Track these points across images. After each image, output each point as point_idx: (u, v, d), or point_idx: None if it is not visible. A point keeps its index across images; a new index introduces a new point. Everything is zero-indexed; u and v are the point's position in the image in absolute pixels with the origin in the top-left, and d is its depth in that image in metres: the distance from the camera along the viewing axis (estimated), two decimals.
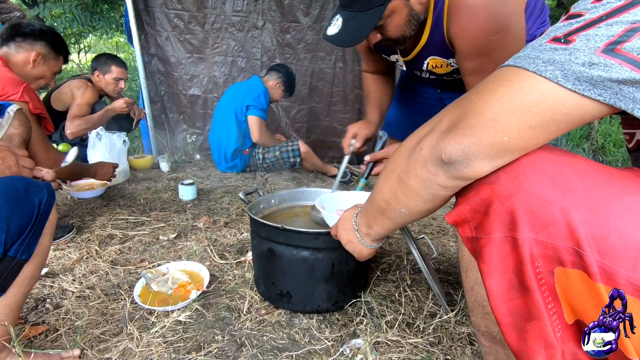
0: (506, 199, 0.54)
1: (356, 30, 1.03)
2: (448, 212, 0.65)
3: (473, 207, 0.59)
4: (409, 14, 1.06)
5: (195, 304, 1.19)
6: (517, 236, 0.53)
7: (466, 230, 0.61)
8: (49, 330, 1.07)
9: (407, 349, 1.03)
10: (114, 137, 2.38)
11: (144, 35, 3.15)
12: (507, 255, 0.55)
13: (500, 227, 0.55)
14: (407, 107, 1.61)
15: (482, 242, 0.57)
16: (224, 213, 2.03)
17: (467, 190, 0.61)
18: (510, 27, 1.00)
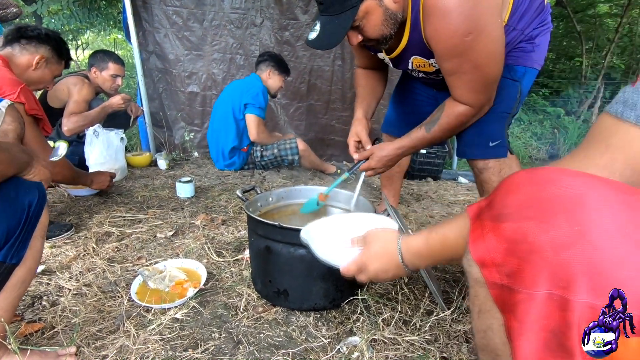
0: (562, 249, 0.44)
1: (332, 34, 1.06)
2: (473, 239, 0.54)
3: (510, 248, 0.49)
4: (384, 14, 1.06)
5: (192, 302, 1.19)
6: (571, 298, 0.44)
7: (494, 274, 0.51)
8: (46, 327, 1.07)
9: (404, 347, 1.03)
10: (111, 134, 2.37)
11: (142, 32, 3.14)
12: (549, 315, 0.46)
13: (547, 283, 0.46)
14: (405, 106, 1.61)
15: (519, 296, 0.48)
16: (221, 211, 2.03)
17: (503, 217, 0.50)
18: (483, 28, 1.01)
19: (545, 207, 0.47)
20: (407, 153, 1.36)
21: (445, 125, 1.22)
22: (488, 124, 1.29)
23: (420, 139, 1.28)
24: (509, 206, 0.51)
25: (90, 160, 2.29)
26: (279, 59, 2.83)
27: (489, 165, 1.35)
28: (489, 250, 0.51)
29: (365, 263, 0.82)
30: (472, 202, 2.53)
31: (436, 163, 3.09)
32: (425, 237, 0.75)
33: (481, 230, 0.53)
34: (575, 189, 0.47)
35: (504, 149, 1.33)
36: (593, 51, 7.05)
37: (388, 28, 1.09)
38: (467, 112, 1.18)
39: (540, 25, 1.25)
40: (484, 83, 1.13)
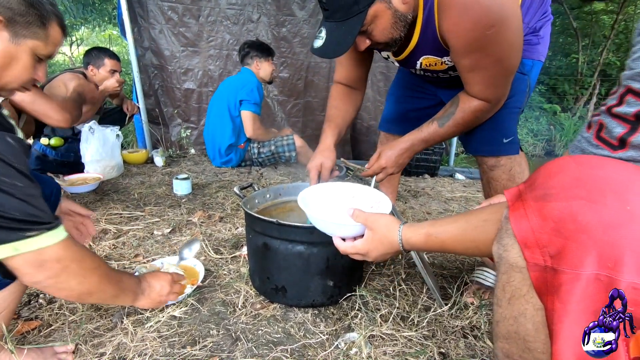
0: (612, 228, 0.44)
1: (340, 41, 1.02)
2: (516, 219, 0.53)
3: (556, 228, 0.48)
4: (393, 16, 1.02)
5: (190, 299, 1.19)
6: (617, 277, 0.44)
7: (537, 255, 0.50)
8: (43, 325, 1.06)
9: (402, 342, 1.03)
10: (107, 131, 2.35)
11: (137, 28, 3.11)
12: (594, 296, 0.45)
13: (595, 263, 0.45)
14: (404, 103, 1.60)
15: (563, 277, 0.47)
16: (218, 208, 2.03)
17: (550, 197, 0.50)
18: (506, 19, 0.97)
19: (594, 187, 0.46)
20: (418, 149, 1.27)
21: (461, 120, 1.16)
22: (502, 120, 1.24)
23: (432, 133, 1.21)
24: (554, 187, 0.50)
25: (86, 157, 2.27)
26: (259, 45, 2.78)
27: (500, 163, 1.30)
28: (533, 230, 0.50)
29: (368, 251, 0.87)
30: (469, 198, 2.54)
31: (433, 160, 3.10)
32: (425, 239, 0.78)
33: (524, 210, 0.52)
34: (623, 172, 0.47)
35: (516, 145, 1.29)
36: (589, 48, 7.07)
37: (398, 30, 1.06)
38: (483, 108, 1.14)
39: (542, 17, 1.23)
40: (504, 76, 1.09)
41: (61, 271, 0.74)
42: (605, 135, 0.55)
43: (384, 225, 0.84)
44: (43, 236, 0.69)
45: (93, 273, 0.80)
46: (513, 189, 0.58)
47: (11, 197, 0.64)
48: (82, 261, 0.78)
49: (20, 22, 0.74)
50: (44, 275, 0.72)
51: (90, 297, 0.82)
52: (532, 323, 0.55)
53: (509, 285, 0.58)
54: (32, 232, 0.68)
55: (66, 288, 0.76)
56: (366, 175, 1.32)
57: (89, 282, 0.80)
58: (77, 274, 0.77)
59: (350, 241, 0.90)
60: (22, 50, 0.76)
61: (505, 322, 0.60)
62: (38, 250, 0.69)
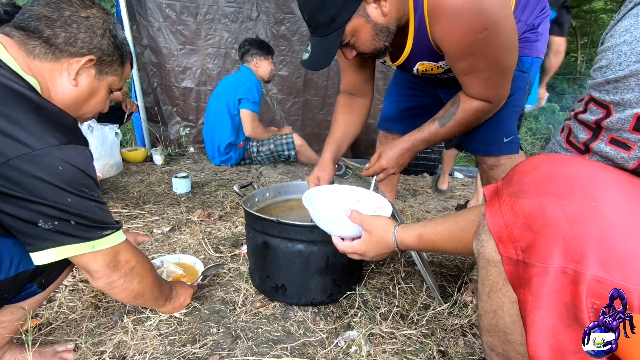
0: (578, 223, 0.46)
1: (323, 54, 1.05)
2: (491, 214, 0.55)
3: (527, 223, 0.50)
4: (373, 29, 1.03)
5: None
6: (583, 270, 0.45)
7: (509, 249, 0.52)
8: (43, 324, 1.07)
9: (401, 340, 1.04)
10: (105, 129, 2.35)
11: (136, 25, 3.10)
12: (562, 289, 0.47)
13: (561, 256, 0.47)
14: (403, 101, 1.60)
15: (533, 270, 0.49)
16: (218, 206, 2.03)
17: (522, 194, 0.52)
18: (498, 22, 0.98)
19: (562, 184, 0.48)
20: (419, 149, 1.26)
21: (462, 120, 1.16)
22: (503, 120, 1.24)
23: (433, 133, 1.21)
24: (527, 184, 0.52)
25: None
26: (259, 43, 2.79)
27: (500, 162, 1.30)
28: (506, 224, 0.52)
29: (365, 251, 0.90)
30: (468, 197, 2.55)
31: (432, 158, 3.10)
32: (417, 239, 0.82)
33: (499, 205, 0.54)
34: (591, 169, 0.49)
35: (516, 145, 1.29)
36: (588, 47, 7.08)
37: (381, 41, 1.06)
38: (484, 108, 1.14)
39: (541, 14, 1.22)
40: (502, 76, 1.10)
41: (130, 271, 0.84)
42: (573, 139, 0.58)
43: (380, 227, 0.87)
44: (114, 235, 0.79)
45: (149, 274, 0.91)
46: (491, 185, 0.60)
47: (92, 203, 0.74)
48: (143, 262, 0.88)
49: (106, 61, 0.83)
50: (117, 275, 0.82)
51: (142, 297, 0.92)
52: (509, 315, 0.57)
53: (487, 280, 0.60)
54: (106, 231, 0.78)
55: (129, 288, 0.86)
56: (367, 175, 1.32)
57: (146, 282, 0.90)
58: (139, 274, 0.87)
59: (348, 241, 0.93)
60: (102, 86, 0.84)
61: (486, 315, 0.62)
62: (112, 248, 0.79)
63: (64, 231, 0.71)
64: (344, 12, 0.99)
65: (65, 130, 0.71)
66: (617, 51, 0.49)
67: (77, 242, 0.73)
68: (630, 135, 0.50)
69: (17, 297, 0.82)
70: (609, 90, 0.51)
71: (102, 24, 0.81)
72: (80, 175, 0.71)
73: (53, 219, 0.69)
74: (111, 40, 0.82)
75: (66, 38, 0.76)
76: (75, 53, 0.77)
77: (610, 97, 0.51)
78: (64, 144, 0.68)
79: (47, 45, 0.75)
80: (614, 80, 0.50)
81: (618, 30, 0.50)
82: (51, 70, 0.76)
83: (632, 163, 0.51)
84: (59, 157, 0.67)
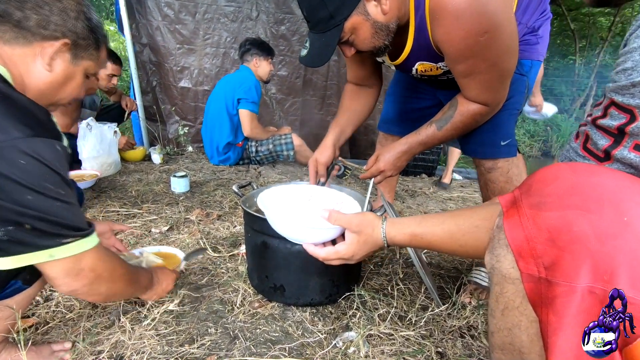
0: (609, 239, 0.43)
1: (321, 51, 1.05)
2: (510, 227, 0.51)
3: (551, 238, 0.46)
4: (373, 27, 1.03)
5: (187, 298, 1.18)
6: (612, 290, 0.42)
7: (531, 266, 0.49)
8: (39, 323, 1.06)
9: (399, 342, 1.04)
10: (104, 128, 2.34)
11: (135, 24, 3.09)
12: (589, 309, 0.44)
13: (590, 275, 0.43)
14: (403, 103, 1.60)
15: (557, 289, 0.46)
16: (217, 206, 2.02)
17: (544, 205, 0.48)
18: (499, 25, 0.97)
19: (590, 196, 0.45)
20: (416, 151, 1.26)
21: (460, 123, 1.16)
22: (500, 122, 1.24)
23: (431, 136, 1.21)
24: (550, 195, 0.49)
25: (83, 154, 2.26)
26: (260, 43, 2.79)
27: (498, 165, 1.30)
28: (528, 239, 0.49)
29: (353, 254, 0.84)
30: (466, 198, 2.55)
31: (431, 160, 3.11)
32: (410, 238, 0.78)
33: (519, 218, 0.51)
34: (620, 180, 0.46)
35: (514, 148, 1.29)
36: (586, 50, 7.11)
37: (380, 40, 1.06)
38: (482, 111, 1.14)
39: (541, 16, 1.22)
40: (501, 80, 1.09)
41: (95, 279, 0.78)
42: (591, 146, 0.55)
43: (368, 224, 0.82)
44: (78, 243, 0.72)
45: (121, 279, 0.86)
46: (508, 195, 0.57)
47: (56, 202, 0.67)
48: (113, 270, 0.83)
49: (81, 45, 0.79)
50: (79, 284, 0.76)
51: (114, 297, 0.90)
52: (526, 335, 0.55)
53: (502, 297, 0.56)
54: (68, 238, 0.70)
55: (96, 294, 0.82)
56: (364, 178, 1.33)
57: (117, 286, 0.85)
58: (107, 280, 0.81)
59: (328, 246, 0.87)
60: (78, 71, 0.81)
61: (500, 333, 0.59)
62: (73, 257, 0.72)
63: (17, 239, 0.65)
64: (343, 8, 0.98)
65: (34, 123, 0.66)
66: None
67: (32, 250, 0.67)
68: None
69: (3, 293, 0.80)
70: (634, 94, 0.48)
71: (76, 6, 0.76)
72: (44, 170, 0.65)
73: (7, 224, 0.63)
74: (85, 23, 0.78)
75: (38, 21, 0.71)
76: (49, 36, 0.73)
77: (636, 101, 0.48)
78: (30, 137, 0.63)
79: (17, 29, 0.71)
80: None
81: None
82: (23, 55, 0.72)
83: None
84: (22, 150, 0.62)
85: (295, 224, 0.89)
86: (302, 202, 1.09)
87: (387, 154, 1.26)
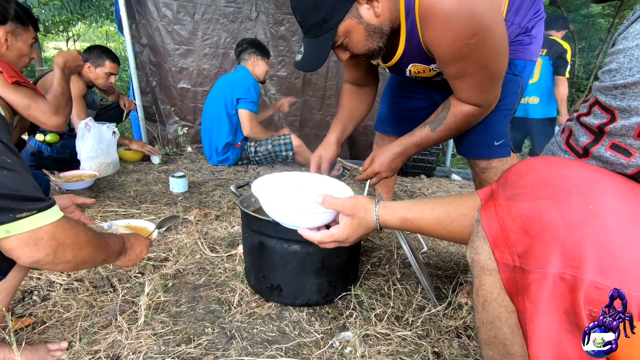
0: (576, 227, 0.44)
1: (315, 55, 1.05)
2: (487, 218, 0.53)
3: (524, 227, 0.48)
4: (366, 30, 1.03)
5: (184, 297, 1.18)
6: (581, 276, 0.44)
7: (506, 255, 0.50)
8: (37, 322, 1.06)
9: (396, 342, 1.04)
10: (103, 128, 2.34)
11: (135, 24, 3.09)
12: (562, 295, 0.46)
13: (559, 262, 0.45)
14: (398, 103, 1.60)
15: (531, 276, 0.47)
16: (215, 206, 2.02)
17: (518, 197, 0.50)
18: (488, 27, 0.98)
19: (560, 187, 0.47)
20: (411, 153, 1.28)
21: (453, 124, 1.18)
22: (493, 123, 1.26)
23: (425, 138, 1.23)
24: (524, 186, 0.51)
25: (82, 154, 2.26)
26: (257, 43, 2.81)
27: (492, 165, 1.32)
28: (502, 228, 0.50)
29: (347, 237, 0.85)
30: None
31: (430, 160, 3.11)
32: (401, 222, 0.79)
33: (495, 209, 0.53)
34: (589, 172, 0.48)
35: (507, 148, 1.31)
36: (585, 51, 7.11)
37: (374, 42, 1.07)
38: (475, 112, 1.16)
39: (534, 17, 1.23)
40: (491, 81, 1.11)
41: (57, 247, 0.73)
42: (573, 142, 0.56)
43: (361, 207, 0.83)
44: (35, 217, 0.67)
45: (87, 245, 0.81)
46: (486, 188, 0.58)
47: (2, 171, 0.61)
48: (76, 236, 0.77)
49: None
50: (41, 254, 0.71)
51: (84, 265, 0.84)
52: (507, 326, 0.55)
53: (481, 289, 0.57)
54: (22, 212, 0.64)
55: (63, 262, 0.76)
56: (360, 179, 1.34)
57: (84, 253, 0.80)
58: (72, 247, 0.76)
59: (323, 230, 0.88)
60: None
61: (483, 327, 0.60)
62: (32, 231, 0.67)
63: None
64: (336, 12, 0.99)
65: None
66: (629, 55, 0.47)
67: None
68: (634, 141, 0.48)
69: None
70: (616, 96, 0.49)
71: None
72: None
73: None
74: None
75: None
76: None
77: (617, 102, 0.49)
78: None
79: None
80: (623, 85, 0.47)
81: (632, 32, 0.47)
82: None
83: (630, 170, 0.50)
84: None
85: (289, 208, 0.89)
86: (296, 189, 1.10)
87: (382, 155, 1.28)
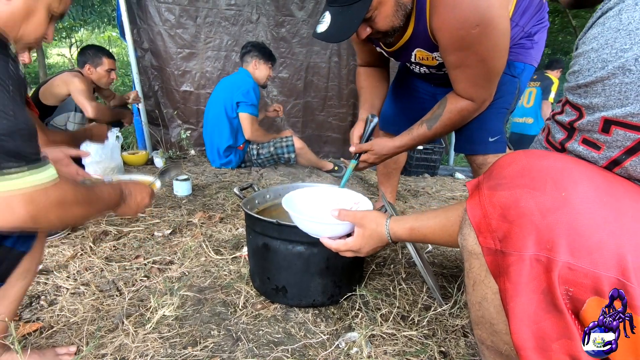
0: (549, 212, 0.48)
1: (345, 25, 1.02)
2: (471, 207, 0.58)
3: (503, 214, 0.52)
4: (396, 4, 1.05)
5: (189, 300, 1.19)
6: (554, 258, 0.47)
7: (488, 240, 0.54)
8: (44, 327, 1.07)
9: (402, 342, 1.04)
10: None
11: (137, 29, 3.12)
12: (538, 276, 0.49)
13: (535, 245, 0.49)
14: (402, 102, 1.61)
15: (510, 259, 0.51)
16: (219, 209, 2.03)
17: (499, 186, 0.54)
18: (491, 20, 1.00)
19: (536, 176, 0.51)
20: (406, 150, 1.36)
21: (447, 121, 1.22)
22: (488, 120, 1.29)
23: (421, 135, 1.28)
24: (505, 177, 0.55)
25: (86, 159, 2.28)
26: (262, 47, 2.81)
27: (488, 161, 1.35)
28: (484, 216, 0.55)
29: (360, 247, 0.92)
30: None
31: (433, 159, 3.10)
32: (409, 232, 0.85)
33: (479, 198, 0.57)
34: (564, 162, 0.52)
35: (503, 144, 1.34)
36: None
37: (398, 19, 1.08)
38: (469, 107, 1.18)
39: (538, 23, 1.25)
40: (488, 77, 1.13)
41: (37, 212, 0.64)
42: (551, 139, 0.61)
43: (372, 220, 0.89)
44: (25, 174, 0.61)
45: (74, 205, 0.71)
46: (473, 180, 0.62)
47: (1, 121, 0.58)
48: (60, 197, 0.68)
49: None
50: (16, 219, 0.62)
51: (75, 221, 0.80)
52: (493, 306, 0.59)
53: (470, 272, 0.62)
54: (10, 168, 0.59)
55: (46, 222, 0.67)
56: (354, 149, 1.35)
57: (72, 212, 0.71)
58: (56, 210, 0.67)
59: (341, 239, 0.95)
60: (40, 6, 0.76)
61: (473, 308, 0.64)
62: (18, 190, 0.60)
63: None
64: None
65: None
66: (587, 57, 0.52)
67: None
68: (600, 136, 0.52)
69: None
70: (580, 94, 0.53)
71: None
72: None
73: None
74: None
75: None
76: None
77: (582, 100, 0.53)
78: None
79: None
80: (584, 85, 0.52)
81: (588, 37, 0.53)
82: None
83: (602, 162, 0.53)
84: None
85: (312, 221, 0.97)
86: (322, 202, 1.16)
87: (380, 150, 1.33)
